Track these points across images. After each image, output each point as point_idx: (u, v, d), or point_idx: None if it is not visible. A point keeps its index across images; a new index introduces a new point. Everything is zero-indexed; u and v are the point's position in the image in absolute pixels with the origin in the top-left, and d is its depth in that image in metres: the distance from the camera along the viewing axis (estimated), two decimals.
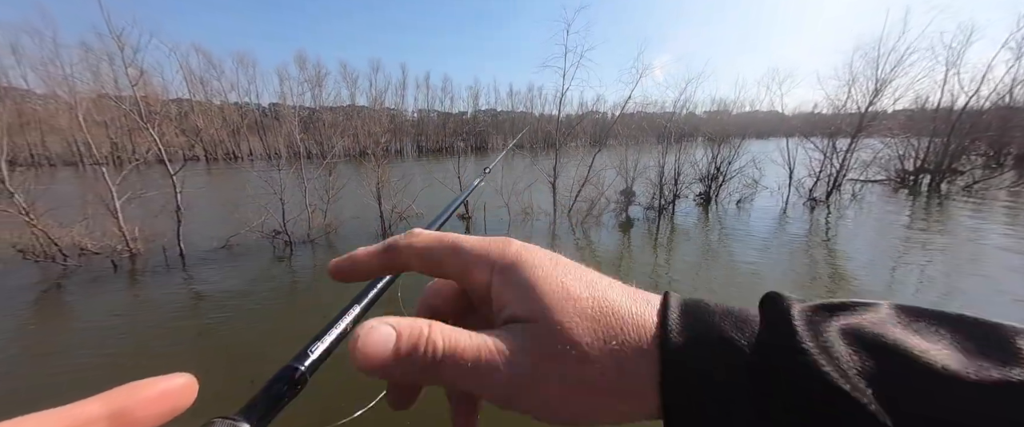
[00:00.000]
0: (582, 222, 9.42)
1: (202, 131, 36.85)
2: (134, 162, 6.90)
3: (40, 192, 6.89)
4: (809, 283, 5.96)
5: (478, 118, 58.07)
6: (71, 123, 12.14)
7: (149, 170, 8.41)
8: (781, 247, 7.75)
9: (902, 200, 12.49)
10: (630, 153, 10.21)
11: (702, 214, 10.67)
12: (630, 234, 8.89)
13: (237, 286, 5.82)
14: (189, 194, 7.13)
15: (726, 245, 7.88)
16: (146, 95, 7.12)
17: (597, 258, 7.32)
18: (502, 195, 9.47)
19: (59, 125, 24.72)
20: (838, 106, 12.16)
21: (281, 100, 43.48)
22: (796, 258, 7.11)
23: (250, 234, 7.04)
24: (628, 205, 10.22)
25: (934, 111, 14.84)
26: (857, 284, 5.86)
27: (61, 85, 9.34)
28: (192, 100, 37.52)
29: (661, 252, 7.73)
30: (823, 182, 11.94)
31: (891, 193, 13.58)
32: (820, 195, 11.67)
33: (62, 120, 21.53)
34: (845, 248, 7.66)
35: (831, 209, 11.12)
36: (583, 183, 9.16)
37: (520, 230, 8.91)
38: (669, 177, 10.28)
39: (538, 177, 9.81)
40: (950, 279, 5.93)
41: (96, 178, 6.99)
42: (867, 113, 11.35)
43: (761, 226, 9.26)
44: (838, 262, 6.89)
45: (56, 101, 16.66)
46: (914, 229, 8.79)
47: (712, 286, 5.87)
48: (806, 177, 11.98)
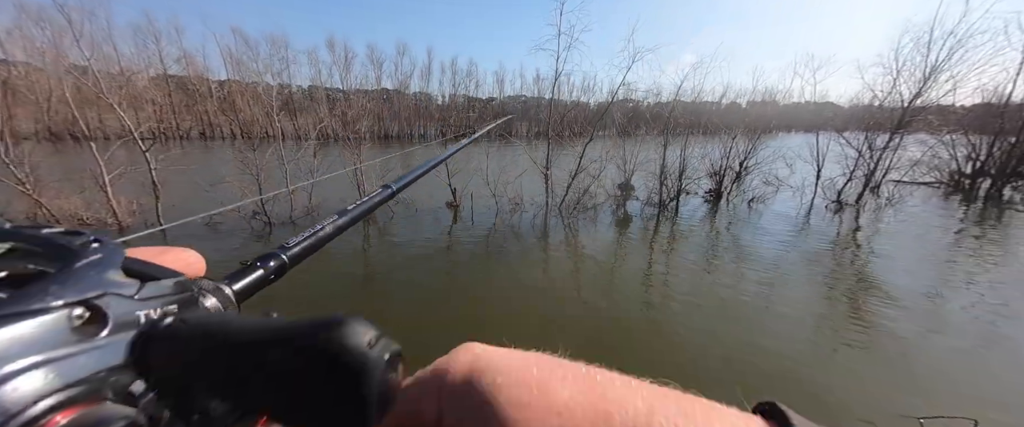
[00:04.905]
0: (571, 216, 8.96)
1: (241, 111, 38.97)
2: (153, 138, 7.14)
3: (54, 165, 7.34)
4: (826, 304, 5.18)
5: (505, 104, 57.39)
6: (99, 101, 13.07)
7: (191, 146, 8.75)
8: (799, 255, 6.80)
9: (953, 206, 10.99)
10: (629, 145, 9.52)
11: (710, 213, 9.87)
12: (626, 232, 8.34)
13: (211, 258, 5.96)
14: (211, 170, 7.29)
15: (734, 250, 7.08)
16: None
17: (584, 258, 6.90)
18: (490, 186, 9.15)
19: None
20: (881, 97, 10.73)
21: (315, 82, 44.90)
22: (815, 270, 6.12)
23: (229, 214, 7.19)
24: (626, 200, 9.61)
25: (1003, 105, 12.84)
26: (889, 311, 4.81)
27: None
28: (230, 81, 39.49)
29: (659, 255, 6.93)
30: (857, 183, 10.71)
31: (941, 197, 12.01)
32: (848, 197, 10.48)
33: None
34: (877, 263, 6.49)
35: (861, 213, 9.96)
36: (574, 175, 8.65)
37: (508, 222, 8.60)
38: (673, 170, 9.54)
39: (528, 167, 9.39)
40: (1007, 301, 4.98)
41: (132, 153, 7.28)
42: (913, 106, 9.92)
43: (776, 229, 8.39)
44: (866, 279, 5.85)
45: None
46: (965, 238, 7.63)
47: (717, 299, 5.05)
48: (839, 176, 10.79)
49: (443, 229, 8.19)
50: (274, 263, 0.28)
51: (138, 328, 0.16)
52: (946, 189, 12.94)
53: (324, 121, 11.17)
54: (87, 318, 0.14)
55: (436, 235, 7.81)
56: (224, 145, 28.20)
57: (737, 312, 4.71)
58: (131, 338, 0.16)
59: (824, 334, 4.28)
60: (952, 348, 4.01)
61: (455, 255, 6.81)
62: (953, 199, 11.88)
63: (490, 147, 10.55)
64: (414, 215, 8.96)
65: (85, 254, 0.16)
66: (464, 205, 9.39)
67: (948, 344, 4.08)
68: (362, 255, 6.98)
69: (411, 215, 8.94)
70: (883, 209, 10.25)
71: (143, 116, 11.28)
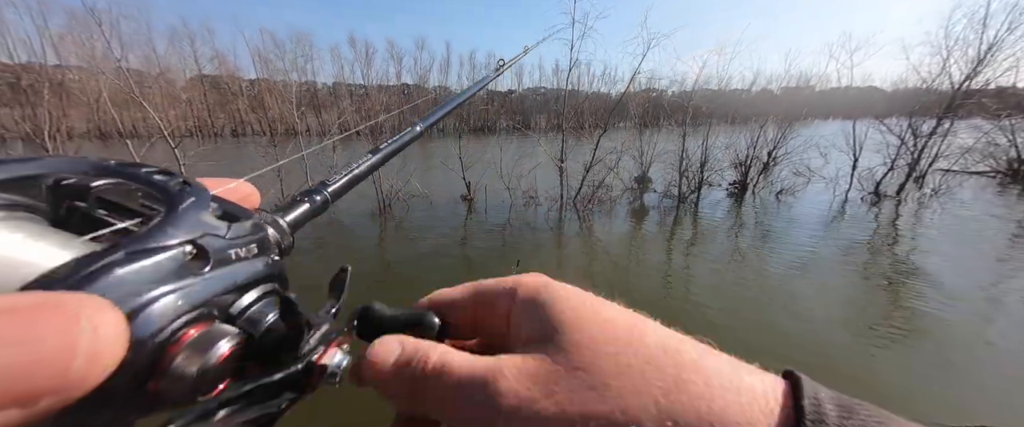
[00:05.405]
0: (586, 209, 8.81)
1: (269, 109, 40.57)
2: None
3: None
4: (865, 301, 4.90)
5: (524, 97, 56.94)
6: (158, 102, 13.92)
7: (224, 143, 9.16)
8: (831, 250, 6.35)
9: (1011, 198, 10.05)
10: (647, 135, 9.23)
11: (734, 206, 9.47)
12: (642, 226, 8.14)
13: None
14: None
15: (760, 244, 6.74)
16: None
17: (598, 253, 6.80)
18: (503, 179, 9.12)
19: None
20: (928, 80, 9.88)
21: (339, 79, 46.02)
22: (848, 266, 5.71)
23: None
24: (643, 193, 9.36)
25: None
26: (933, 312, 4.45)
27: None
28: (260, 80, 41.06)
29: (677, 251, 6.68)
30: (899, 172, 9.97)
31: (996, 188, 11.01)
32: (887, 188, 9.79)
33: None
34: (921, 258, 5.96)
35: (902, 204, 9.28)
36: (589, 167, 8.49)
37: (522, 216, 8.56)
38: (694, 162, 9.18)
39: (542, 161, 9.28)
40: None
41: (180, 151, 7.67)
42: (965, 88, 9.09)
43: (808, 222, 7.95)
44: (909, 276, 5.39)
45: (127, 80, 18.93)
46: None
47: (740, 297, 4.81)
48: (879, 166, 10.06)
49: (458, 222, 8.25)
50: (319, 198, 0.32)
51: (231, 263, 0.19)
52: (1003, 178, 11.84)
53: (342, 116, 11.41)
54: (194, 254, 0.17)
55: (451, 228, 7.89)
56: (253, 142, 29.46)
57: (760, 310, 4.51)
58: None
59: (861, 338, 4.02)
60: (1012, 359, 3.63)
61: (469, 250, 6.86)
62: (1011, 189, 10.86)
63: (505, 141, 10.48)
64: (429, 208, 9.07)
65: (184, 197, 0.19)
66: (478, 198, 9.42)
67: (1008, 357, 3.68)
68: (379, 246, 7.16)
69: (426, 208, 9.06)
70: (928, 201, 9.51)
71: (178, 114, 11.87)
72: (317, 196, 0.32)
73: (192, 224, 0.18)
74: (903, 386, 3.30)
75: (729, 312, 4.48)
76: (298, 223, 0.29)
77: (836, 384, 0.19)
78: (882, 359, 3.63)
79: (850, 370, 3.48)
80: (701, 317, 4.39)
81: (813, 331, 4.09)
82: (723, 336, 3.96)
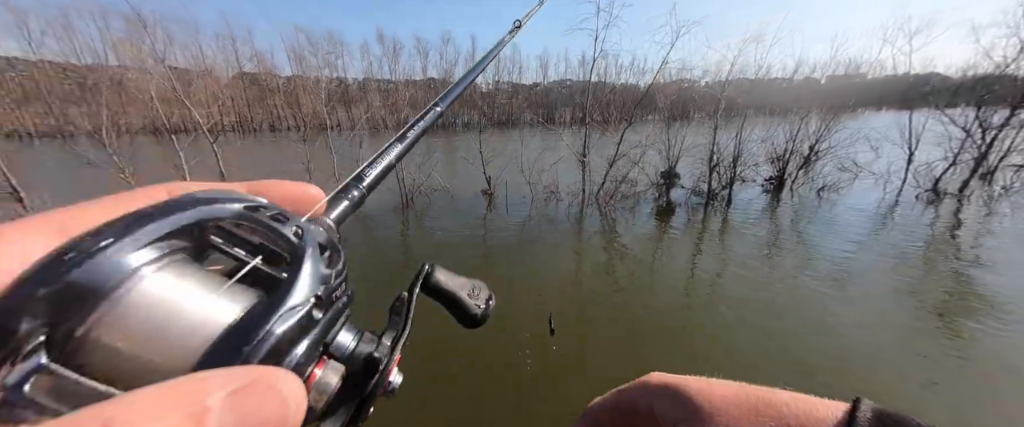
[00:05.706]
0: (609, 205, 8.55)
1: (303, 105, 42.28)
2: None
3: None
4: (930, 322, 4.53)
5: (549, 89, 56.23)
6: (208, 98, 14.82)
7: (261, 137, 9.60)
8: (881, 257, 5.69)
9: None
10: (674, 129, 8.82)
11: (769, 203, 8.90)
12: (668, 224, 7.80)
13: None
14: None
15: (797, 247, 6.28)
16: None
17: (620, 252, 6.59)
18: (524, 173, 9.01)
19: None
20: (1002, 65, 8.83)
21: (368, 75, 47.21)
22: (901, 277, 5.13)
23: None
24: (669, 189, 8.97)
25: None
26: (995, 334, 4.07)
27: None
28: (295, 77, 42.80)
29: (707, 253, 6.25)
30: (963, 168, 9.02)
31: None
32: (947, 185, 8.89)
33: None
34: (983, 272, 5.28)
35: (965, 203, 8.40)
36: (613, 161, 8.22)
37: (543, 211, 8.44)
38: (726, 156, 8.69)
39: (565, 154, 9.08)
40: None
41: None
42: None
43: (855, 224, 7.33)
44: (970, 288, 4.87)
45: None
46: None
47: (772, 314, 4.52)
48: (939, 160, 9.13)
49: (478, 218, 8.25)
50: (357, 194, 0.33)
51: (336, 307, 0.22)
52: None
53: (369, 111, 11.65)
54: (316, 304, 0.19)
55: (471, 224, 7.89)
56: (288, 136, 30.76)
57: (790, 332, 4.20)
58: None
59: (914, 364, 3.66)
60: None
61: (489, 247, 6.82)
62: None
63: (528, 135, 10.35)
64: (450, 202, 9.12)
65: (304, 248, 0.21)
66: (499, 193, 9.37)
67: None
68: (402, 241, 7.27)
69: (448, 202, 9.11)
70: (997, 200, 8.56)
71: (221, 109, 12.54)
72: (354, 191, 0.32)
73: (314, 278, 0.20)
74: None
75: (755, 327, 4.20)
76: (341, 221, 0.30)
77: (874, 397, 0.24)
78: (933, 397, 3.26)
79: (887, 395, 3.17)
80: (723, 329, 4.14)
81: (859, 356, 3.77)
82: (750, 361, 3.72)
